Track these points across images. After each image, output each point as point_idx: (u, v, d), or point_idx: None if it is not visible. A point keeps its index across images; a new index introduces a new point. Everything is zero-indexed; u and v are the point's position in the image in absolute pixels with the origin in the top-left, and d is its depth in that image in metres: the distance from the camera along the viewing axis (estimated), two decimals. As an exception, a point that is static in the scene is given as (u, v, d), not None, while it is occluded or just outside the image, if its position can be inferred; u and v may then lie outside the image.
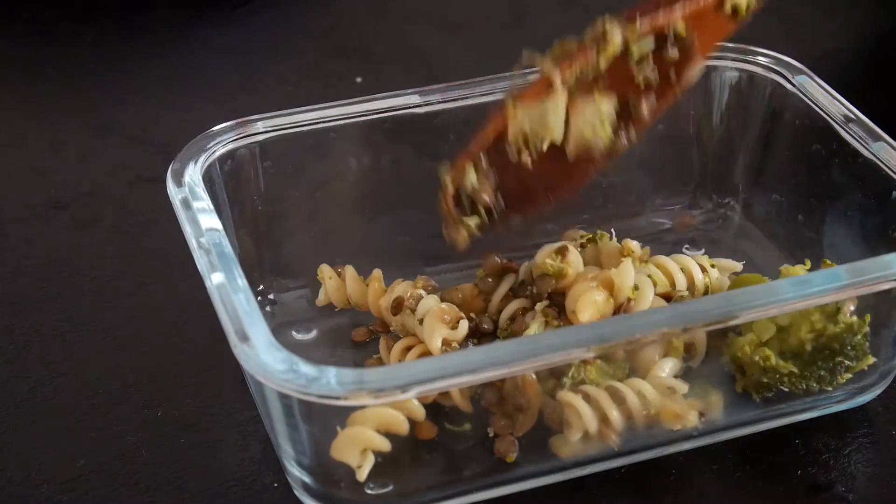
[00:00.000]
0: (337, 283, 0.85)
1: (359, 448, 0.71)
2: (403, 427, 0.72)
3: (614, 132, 0.76)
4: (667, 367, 0.75)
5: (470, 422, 0.75)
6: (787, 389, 0.77)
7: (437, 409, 0.75)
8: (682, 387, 0.75)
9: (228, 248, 0.73)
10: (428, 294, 0.81)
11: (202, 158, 0.80)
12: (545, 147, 0.77)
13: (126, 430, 0.80)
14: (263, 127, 0.84)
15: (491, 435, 0.75)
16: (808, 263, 0.81)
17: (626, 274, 0.79)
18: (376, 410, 0.71)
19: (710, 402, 0.76)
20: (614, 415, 0.73)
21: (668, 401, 0.74)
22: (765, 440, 0.79)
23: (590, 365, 0.73)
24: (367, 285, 0.84)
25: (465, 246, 0.80)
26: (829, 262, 0.81)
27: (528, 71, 0.87)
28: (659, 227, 0.94)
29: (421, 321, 0.78)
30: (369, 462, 0.72)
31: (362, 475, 0.72)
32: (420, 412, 0.73)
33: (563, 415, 0.73)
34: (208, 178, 0.80)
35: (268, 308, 0.87)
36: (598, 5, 1.28)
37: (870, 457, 0.78)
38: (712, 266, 0.84)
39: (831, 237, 0.84)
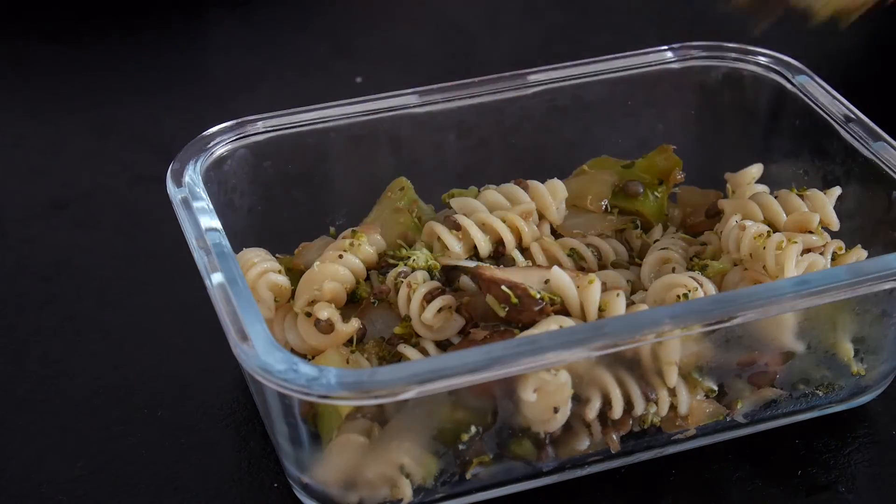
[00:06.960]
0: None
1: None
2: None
3: None
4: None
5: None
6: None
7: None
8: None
9: (228, 248, 0.73)
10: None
11: (202, 158, 0.80)
12: None
13: (126, 430, 0.80)
14: (263, 127, 0.84)
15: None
16: None
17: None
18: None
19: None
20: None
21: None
22: (765, 440, 0.79)
23: None
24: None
25: None
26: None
27: (529, 70, 0.88)
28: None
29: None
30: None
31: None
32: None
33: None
34: (208, 178, 0.80)
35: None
36: (596, 6, 1.29)
37: (870, 457, 0.78)
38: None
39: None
